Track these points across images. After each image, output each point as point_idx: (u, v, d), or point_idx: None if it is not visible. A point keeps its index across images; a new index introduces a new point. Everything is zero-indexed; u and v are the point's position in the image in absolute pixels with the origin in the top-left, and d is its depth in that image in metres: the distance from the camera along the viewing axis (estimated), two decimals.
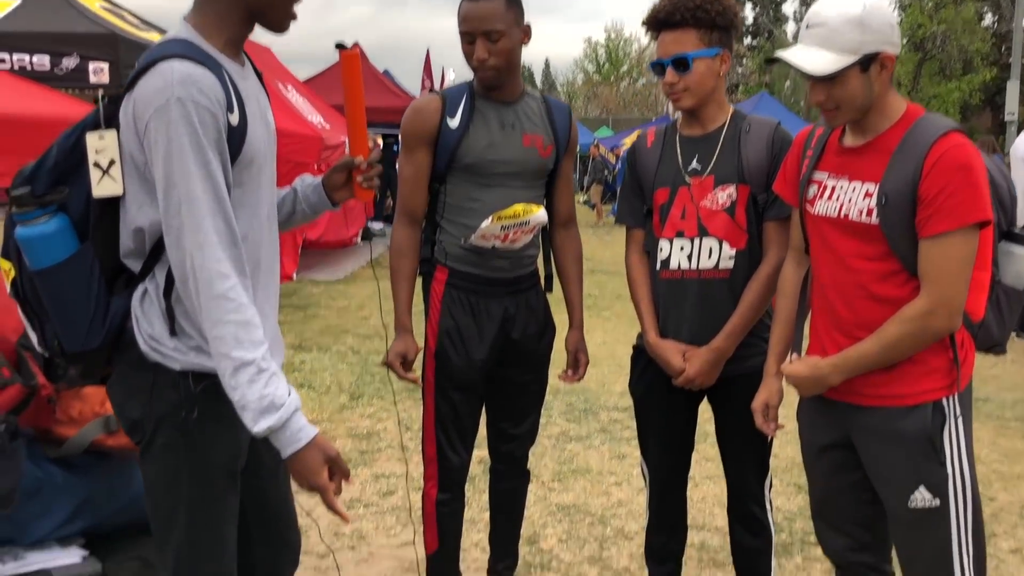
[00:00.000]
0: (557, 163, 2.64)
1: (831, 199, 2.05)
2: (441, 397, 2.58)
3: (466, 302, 2.58)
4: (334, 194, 2.05)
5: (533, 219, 2.47)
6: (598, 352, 6.84)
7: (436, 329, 2.58)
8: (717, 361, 2.45)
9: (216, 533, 1.81)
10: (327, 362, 6.27)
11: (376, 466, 4.33)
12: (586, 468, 4.33)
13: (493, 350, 2.59)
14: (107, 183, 1.69)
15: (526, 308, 2.64)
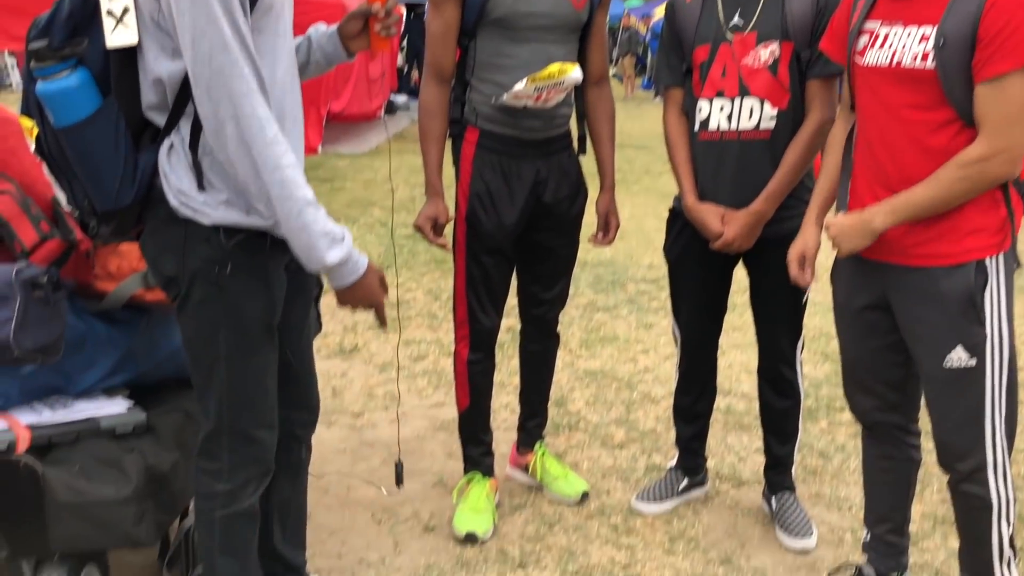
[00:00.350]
0: (591, 16, 2.53)
1: (883, 47, 1.95)
2: (472, 260, 2.58)
3: (497, 164, 2.53)
4: (349, 43, 1.98)
5: (568, 78, 2.38)
6: (626, 226, 6.74)
7: (467, 192, 2.55)
8: (756, 224, 2.42)
9: (255, 386, 1.85)
10: (355, 233, 6.28)
11: (407, 333, 4.40)
12: (613, 336, 4.37)
13: (524, 213, 2.57)
14: (121, 32, 1.64)
15: (558, 170, 2.59)
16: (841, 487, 2.95)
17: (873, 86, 1.99)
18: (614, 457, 3.14)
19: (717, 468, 3.06)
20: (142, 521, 2.00)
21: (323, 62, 2.02)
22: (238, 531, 1.93)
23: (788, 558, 2.55)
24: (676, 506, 2.80)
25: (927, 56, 1.87)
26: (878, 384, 2.15)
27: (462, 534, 2.58)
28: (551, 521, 2.71)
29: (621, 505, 2.81)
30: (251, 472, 1.89)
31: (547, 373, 2.89)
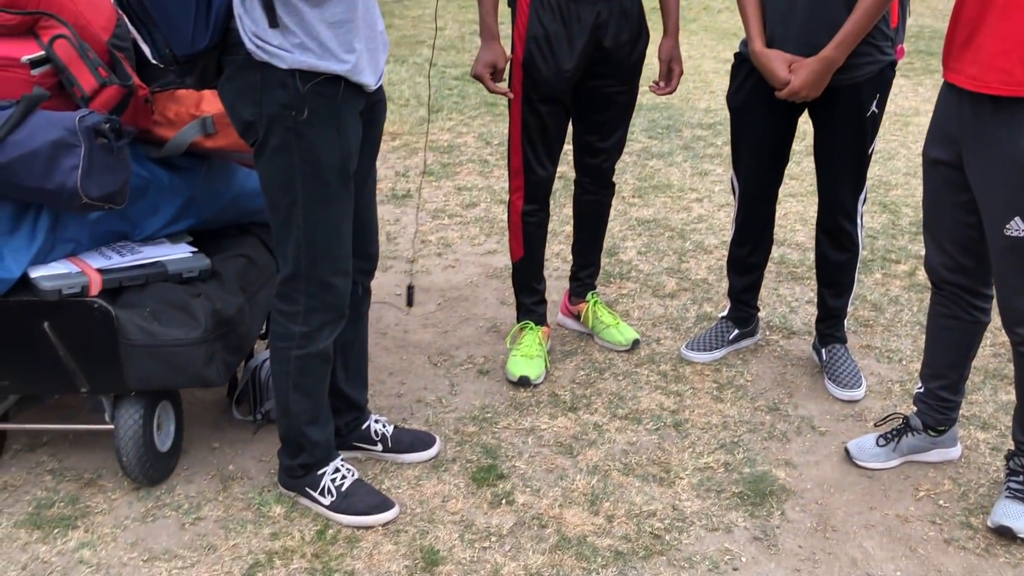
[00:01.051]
0: None
1: None
2: (528, 108, 2.53)
3: (556, 6, 2.44)
4: None
5: None
6: (684, 67, 6.58)
7: (524, 36, 2.47)
8: (826, 72, 2.32)
9: (332, 233, 1.89)
10: (404, 74, 6.18)
11: (459, 179, 4.38)
12: (667, 184, 4.31)
13: (583, 59, 2.49)
14: None
15: (619, 12, 2.49)
16: (892, 339, 2.96)
17: None
18: (665, 307, 3.17)
19: (768, 318, 3.07)
20: (212, 362, 2.10)
21: None
22: (312, 371, 2.02)
23: (835, 407, 2.60)
24: (725, 355, 2.84)
25: None
26: (948, 242, 2.12)
27: (515, 378, 2.66)
28: (601, 368, 2.78)
29: (671, 353, 2.86)
30: (326, 317, 1.96)
31: (601, 224, 2.88)
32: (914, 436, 2.31)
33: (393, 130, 5.06)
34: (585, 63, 2.50)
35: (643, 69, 2.64)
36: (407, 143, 4.89)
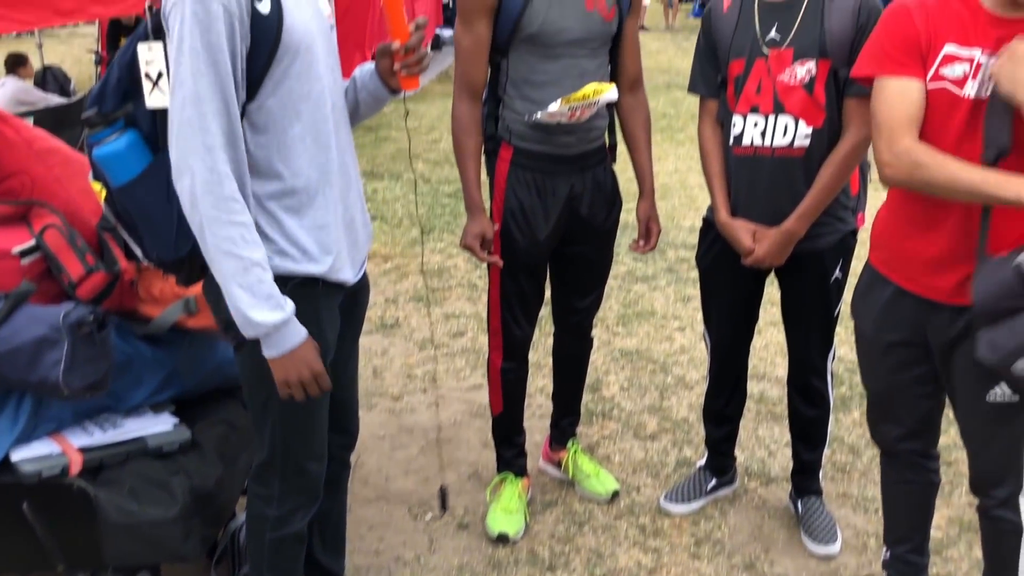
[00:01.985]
0: (621, 25, 2.49)
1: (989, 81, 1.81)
2: (507, 275, 2.61)
3: (531, 181, 2.54)
4: (389, 80, 1.98)
5: (603, 98, 2.37)
6: (669, 181, 6.76)
7: (501, 209, 2.57)
8: (788, 243, 2.41)
9: (307, 423, 1.94)
10: (398, 192, 6.33)
11: (447, 305, 4.47)
12: (651, 311, 4.39)
13: (559, 229, 2.59)
14: (157, 95, 1.72)
15: (593, 184, 2.59)
16: (869, 486, 2.98)
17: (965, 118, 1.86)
18: (645, 449, 3.20)
19: (746, 463, 3.11)
20: (189, 538, 2.13)
21: (370, 101, 2.02)
22: (285, 551, 2.05)
23: (811, 564, 2.61)
24: (704, 505, 2.86)
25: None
26: (905, 415, 2.17)
27: (494, 534, 2.68)
28: (581, 520, 2.80)
29: (650, 503, 2.88)
30: (300, 500, 2.00)
31: (581, 375, 2.94)
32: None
33: (385, 252, 5.17)
34: (561, 233, 2.60)
35: (618, 229, 2.73)
36: (398, 266, 4.99)
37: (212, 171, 1.62)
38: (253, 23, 1.65)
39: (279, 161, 1.75)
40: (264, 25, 1.66)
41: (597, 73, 2.47)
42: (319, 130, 1.80)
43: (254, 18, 1.65)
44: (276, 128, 1.73)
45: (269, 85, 1.70)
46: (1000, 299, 1.79)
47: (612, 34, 2.48)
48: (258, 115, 1.71)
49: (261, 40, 1.67)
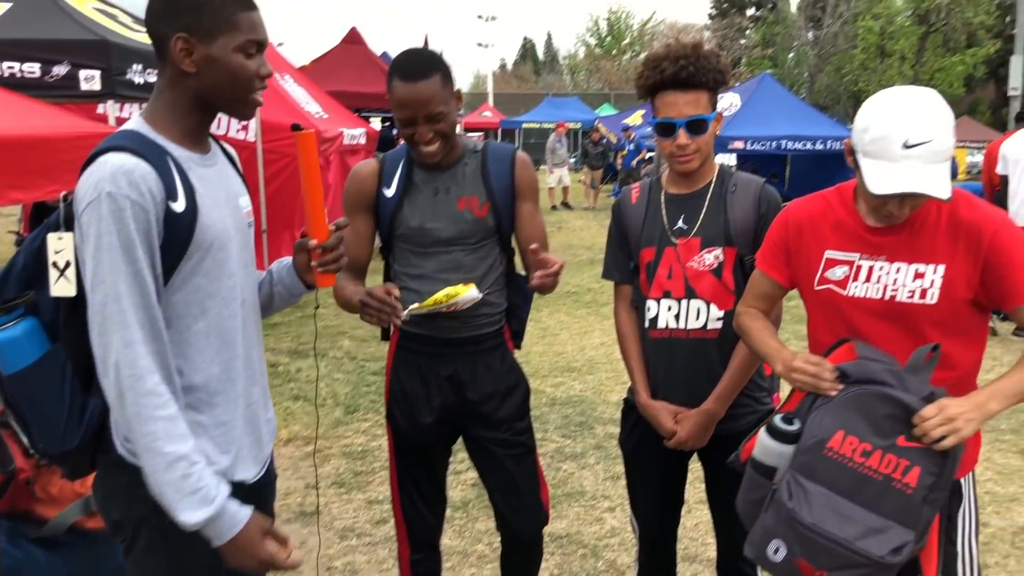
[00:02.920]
0: (499, 217, 2.52)
1: (870, 281, 2.02)
2: (399, 461, 2.59)
3: (415, 365, 2.56)
4: (305, 275, 2.00)
5: (461, 300, 2.33)
6: (596, 355, 6.84)
7: (387, 392, 2.60)
8: (708, 424, 2.43)
9: None
10: (324, 370, 6.26)
11: (370, 489, 4.33)
12: (580, 491, 4.32)
13: (445, 413, 2.56)
14: (63, 284, 1.70)
15: (484, 369, 2.56)
16: None
17: (850, 314, 2.05)
18: None
19: None
20: None
21: (285, 295, 2.03)
22: None
23: None
24: None
25: (926, 293, 1.95)
26: None
27: None
28: None
29: None
30: None
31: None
32: None
33: (307, 434, 5.04)
34: (451, 417, 2.57)
35: (526, 427, 2.65)
36: (320, 449, 4.86)
37: (132, 366, 1.60)
38: (166, 220, 1.66)
39: (179, 357, 1.72)
40: (177, 223, 1.68)
41: (479, 266, 2.51)
42: (225, 327, 1.79)
43: (167, 215, 1.66)
44: (179, 324, 1.72)
45: (176, 281, 1.70)
46: (749, 501, 1.98)
47: (490, 226, 2.51)
48: (163, 311, 1.69)
49: (173, 237, 1.67)
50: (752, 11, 52.61)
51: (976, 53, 36.91)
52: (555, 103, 33.12)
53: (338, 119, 11.07)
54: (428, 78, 2.33)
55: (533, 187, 2.59)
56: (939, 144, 1.83)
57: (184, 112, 1.75)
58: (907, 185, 1.81)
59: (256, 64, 1.76)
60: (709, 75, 2.32)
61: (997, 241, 1.90)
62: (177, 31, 1.69)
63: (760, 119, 13.98)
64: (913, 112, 1.85)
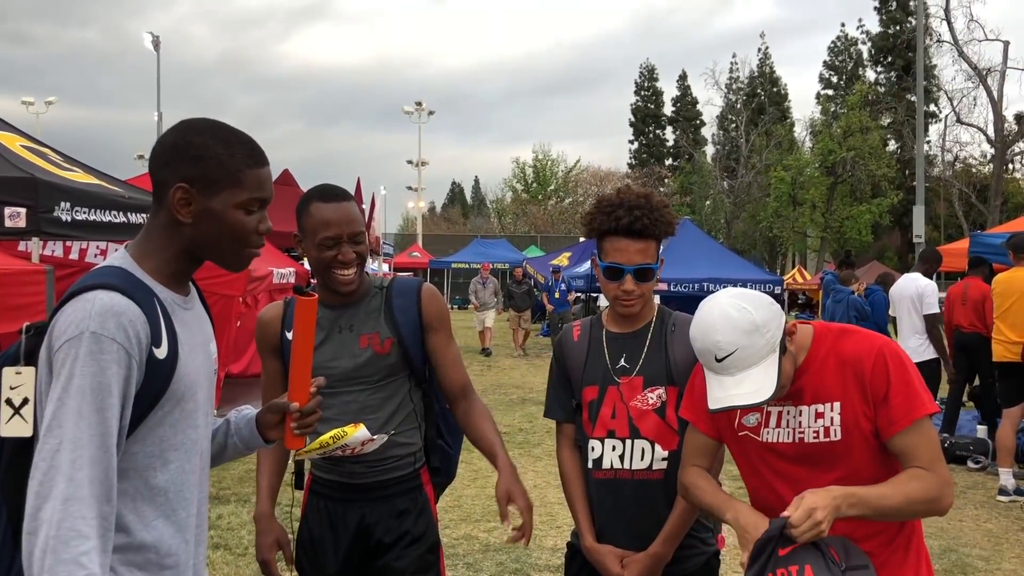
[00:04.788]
0: (407, 352, 2.47)
1: (780, 426, 2.10)
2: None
3: (324, 510, 2.49)
4: (267, 432, 1.92)
5: (351, 442, 2.21)
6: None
7: (296, 539, 2.53)
8: (656, 567, 2.38)
9: None
10: (245, 517, 5.97)
11: None
12: None
13: (352, 560, 2.47)
14: (16, 423, 1.58)
15: (392, 515, 2.48)
16: None
17: (768, 458, 2.12)
18: None
19: None
20: None
21: (241, 446, 1.93)
22: None
23: None
24: None
25: (829, 431, 2.02)
26: None
27: None
28: None
29: None
30: None
31: None
32: None
33: None
34: (358, 563, 2.47)
35: (441, 569, 2.55)
36: None
37: (61, 526, 1.44)
38: (147, 366, 1.57)
39: (131, 512, 1.59)
40: (157, 370, 1.59)
41: (384, 405, 2.46)
42: (184, 482, 1.68)
43: (149, 360, 1.57)
44: (137, 477, 1.60)
45: (142, 431, 1.59)
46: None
47: (393, 363, 2.47)
48: (121, 461, 1.56)
49: (150, 385, 1.58)
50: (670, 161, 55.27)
51: (881, 203, 39.19)
52: (483, 244, 33.85)
53: (268, 258, 11.02)
54: (349, 200, 2.39)
55: (442, 317, 2.56)
56: (747, 351, 1.92)
57: (173, 257, 1.69)
58: (727, 400, 1.94)
59: (255, 220, 1.70)
60: (660, 227, 2.38)
61: (877, 368, 1.99)
62: (178, 180, 1.64)
63: (682, 262, 14.45)
64: (713, 327, 1.95)
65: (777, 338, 1.96)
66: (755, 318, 1.93)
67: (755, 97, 50.16)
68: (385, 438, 2.37)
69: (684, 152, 51.23)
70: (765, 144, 43.08)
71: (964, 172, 38.94)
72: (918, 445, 1.97)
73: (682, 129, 55.40)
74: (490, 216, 65.72)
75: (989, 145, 34.66)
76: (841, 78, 49.04)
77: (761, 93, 50.54)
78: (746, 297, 1.98)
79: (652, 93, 59.22)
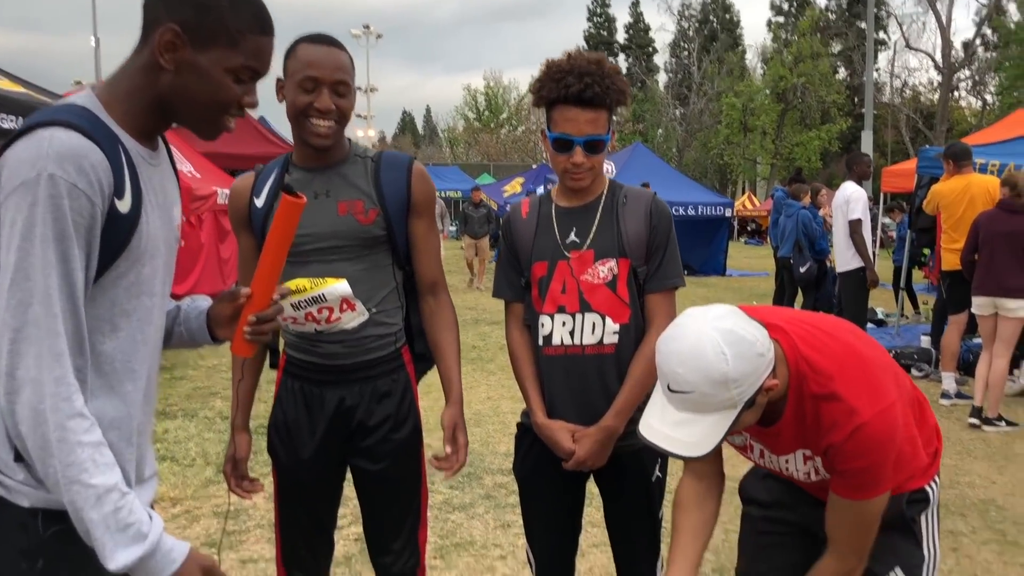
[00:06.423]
0: (391, 229, 2.32)
1: (763, 458, 2.08)
2: (283, 501, 2.37)
3: (300, 392, 2.35)
4: (217, 329, 1.78)
5: (329, 293, 2.12)
6: (482, 409, 6.69)
7: (269, 422, 2.40)
8: (608, 441, 2.33)
9: None
10: (193, 430, 5.87)
11: (243, 549, 4.01)
12: (470, 541, 4.12)
13: (329, 447, 2.34)
14: None
15: (373, 397, 2.35)
16: None
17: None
18: None
19: None
20: None
21: (186, 338, 1.79)
22: None
23: None
24: None
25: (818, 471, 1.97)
26: None
27: None
28: None
29: None
30: None
31: None
32: None
33: (173, 495, 4.67)
34: (336, 452, 2.36)
35: (423, 457, 2.46)
36: (188, 509, 4.49)
37: (60, 383, 1.36)
38: (108, 219, 1.43)
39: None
40: (118, 225, 1.45)
41: (364, 279, 2.30)
42: (133, 353, 1.55)
43: (111, 214, 1.43)
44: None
45: (94, 291, 1.46)
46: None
47: (376, 236, 2.31)
48: None
49: (109, 241, 1.44)
50: None
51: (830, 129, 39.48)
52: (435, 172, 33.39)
53: (212, 178, 10.73)
54: (341, 49, 2.20)
55: (430, 202, 2.40)
56: (705, 398, 1.69)
57: (145, 107, 1.52)
58: (658, 436, 1.78)
59: (243, 91, 1.55)
60: (612, 95, 2.25)
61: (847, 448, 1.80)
62: (171, 21, 1.47)
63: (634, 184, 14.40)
64: (680, 357, 1.71)
65: (746, 396, 1.71)
66: (729, 371, 1.67)
67: (707, 24, 49.82)
68: (366, 315, 2.24)
69: (636, 79, 50.85)
70: (717, 71, 42.97)
71: (912, 99, 39.33)
72: (842, 523, 1.89)
73: (635, 56, 54.96)
74: (442, 146, 64.92)
75: (936, 72, 34.94)
76: (792, 5, 48.83)
77: (713, 20, 50.23)
78: (733, 340, 1.68)
79: (604, 19, 58.46)
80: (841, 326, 1.92)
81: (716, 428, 1.72)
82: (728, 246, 20.18)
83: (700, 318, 1.73)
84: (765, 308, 2.01)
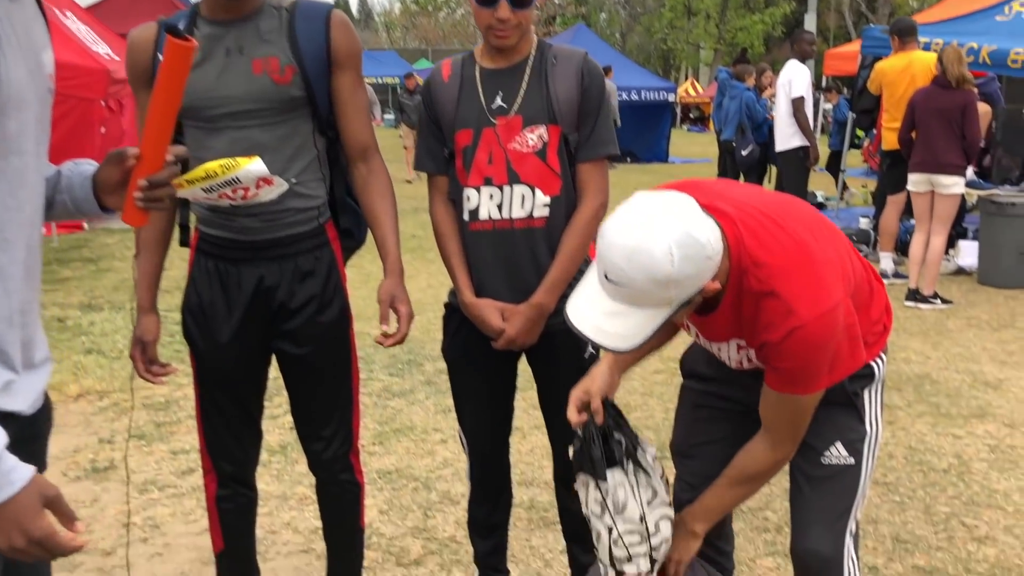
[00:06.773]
0: (310, 88, 2.09)
1: (698, 339, 2.01)
2: (203, 388, 2.23)
3: (215, 271, 2.16)
4: (105, 197, 1.54)
5: (243, 175, 1.86)
6: (423, 297, 6.61)
7: (183, 305, 2.22)
8: (539, 318, 2.22)
9: None
10: (120, 323, 5.68)
11: (174, 440, 3.90)
12: (410, 426, 4.07)
13: (248, 330, 2.18)
14: None
15: (295, 277, 2.18)
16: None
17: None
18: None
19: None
20: None
21: (71, 207, 1.55)
22: None
23: None
24: None
25: (752, 360, 1.89)
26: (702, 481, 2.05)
27: None
28: None
29: None
30: None
31: (350, 533, 2.44)
32: None
33: (100, 388, 4.52)
34: (257, 334, 2.20)
35: (352, 340, 2.32)
36: (116, 402, 4.36)
37: None
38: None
39: None
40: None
41: (282, 146, 2.10)
42: (7, 221, 1.34)
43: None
44: None
45: None
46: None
47: (295, 96, 2.09)
48: None
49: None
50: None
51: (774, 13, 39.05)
52: (371, 57, 32.25)
53: None
54: None
55: (353, 54, 2.15)
56: (641, 294, 1.60)
57: None
58: (586, 324, 1.68)
59: None
60: None
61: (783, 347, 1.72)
62: None
63: None
64: (624, 251, 1.59)
65: (684, 297, 1.63)
66: (674, 273, 1.57)
67: None
68: (285, 186, 2.01)
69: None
70: None
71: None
72: (775, 414, 1.86)
73: None
74: (378, 30, 62.75)
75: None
76: None
77: None
78: (686, 242, 1.56)
79: None
80: (794, 213, 1.78)
81: (648, 323, 1.64)
82: (671, 132, 20.04)
83: (654, 210, 1.60)
84: (719, 185, 1.87)
